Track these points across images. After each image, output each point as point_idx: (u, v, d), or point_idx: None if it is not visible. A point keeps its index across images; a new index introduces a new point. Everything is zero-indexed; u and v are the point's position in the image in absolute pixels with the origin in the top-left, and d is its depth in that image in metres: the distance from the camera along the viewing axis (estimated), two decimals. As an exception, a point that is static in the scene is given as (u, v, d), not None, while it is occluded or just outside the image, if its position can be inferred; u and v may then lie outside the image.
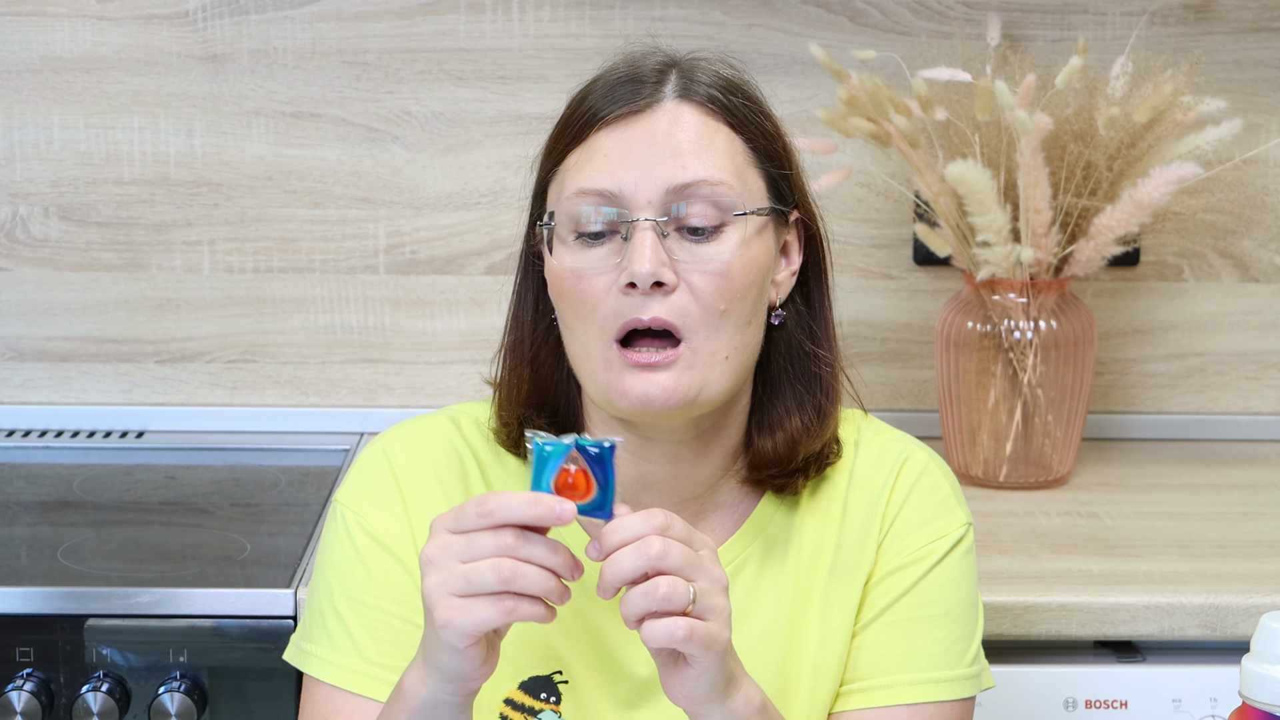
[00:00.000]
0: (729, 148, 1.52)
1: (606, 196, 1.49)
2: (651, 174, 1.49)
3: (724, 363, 1.51)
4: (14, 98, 2.47)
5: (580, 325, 1.51)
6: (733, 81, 1.56)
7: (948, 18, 2.47)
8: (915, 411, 2.53)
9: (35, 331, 2.51)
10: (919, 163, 2.26)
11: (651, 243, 1.48)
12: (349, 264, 2.50)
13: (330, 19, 2.46)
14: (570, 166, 1.52)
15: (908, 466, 1.62)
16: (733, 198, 1.50)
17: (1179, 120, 2.24)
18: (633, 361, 1.49)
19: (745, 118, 1.55)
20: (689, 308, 1.49)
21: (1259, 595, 1.93)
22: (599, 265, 1.50)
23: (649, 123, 1.51)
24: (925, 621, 1.58)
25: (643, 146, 1.50)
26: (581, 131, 1.52)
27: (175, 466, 2.42)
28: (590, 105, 1.53)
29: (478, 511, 1.35)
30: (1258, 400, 2.56)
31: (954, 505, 1.62)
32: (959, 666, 1.58)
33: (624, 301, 1.48)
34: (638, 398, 1.49)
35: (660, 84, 1.53)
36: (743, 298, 1.51)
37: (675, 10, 2.46)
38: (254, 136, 2.48)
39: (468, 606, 1.34)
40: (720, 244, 1.50)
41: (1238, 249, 2.53)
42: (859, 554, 1.59)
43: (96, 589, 1.95)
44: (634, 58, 1.56)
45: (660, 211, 1.49)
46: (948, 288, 2.50)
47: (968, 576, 1.61)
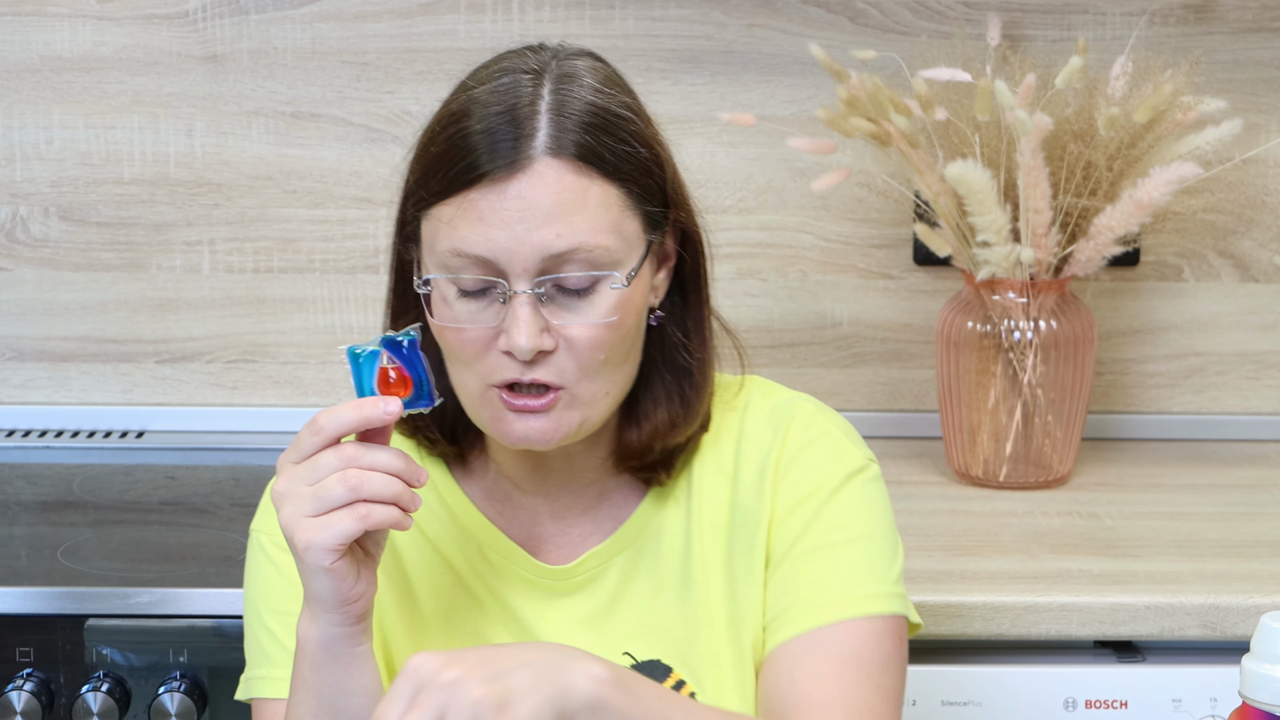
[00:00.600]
0: (603, 202, 1.50)
1: (482, 262, 1.48)
2: (526, 240, 1.47)
3: (604, 398, 1.53)
4: (14, 98, 2.47)
5: (460, 366, 1.53)
6: (603, 113, 1.52)
7: (948, 18, 2.47)
8: (915, 411, 2.54)
9: (35, 331, 2.51)
10: (919, 163, 2.26)
11: (530, 316, 1.48)
12: (349, 264, 2.50)
13: (330, 19, 2.46)
14: (444, 220, 1.50)
15: (796, 417, 1.62)
16: (609, 259, 1.49)
17: (1179, 120, 2.24)
18: (511, 405, 1.51)
19: (619, 160, 1.51)
20: (567, 366, 1.50)
21: (1259, 595, 1.93)
22: (478, 320, 1.50)
23: (521, 185, 1.47)
24: (838, 546, 1.57)
25: (517, 210, 1.47)
26: (453, 186, 1.49)
27: (175, 466, 2.41)
28: (462, 156, 1.49)
29: (311, 432, 1.42)
30: (1258, 400, 2.56)
31: (847, 445, 1.63)
32: (884, 584, 1.57)
33: (503, 361, 1.50)
34: (518, 437, 1.51)
35: (531, 136, 1.48)
36: (621, 343, 1.52)
37: (675, 10, 2.46)
38: (254, 136, 2.48)
39: (323, 523, 1.40)
40: (596, 304, 1.50)
41: (1238, 249, 2.52)
42: (756, 507, 1.60)
43: (96, 589, 1.95)
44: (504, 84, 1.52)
45: (536, 278, 1.48)
46: (948, 288, 2.50)
47: (877, 503, 1.61)
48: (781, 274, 2.51)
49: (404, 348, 1.45)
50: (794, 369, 2.52)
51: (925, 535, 2.12)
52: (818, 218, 2.51)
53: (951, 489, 2.31)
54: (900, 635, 1.57)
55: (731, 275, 2.51)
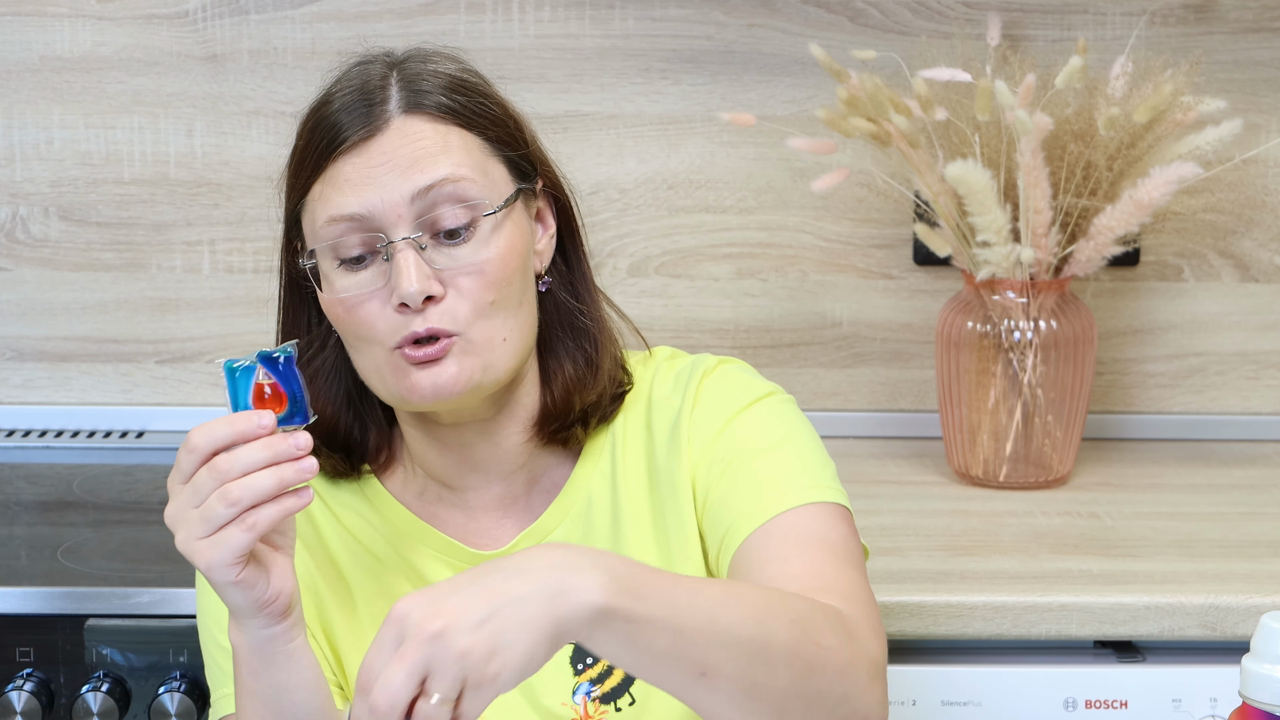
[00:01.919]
0: (464, 145, 1.56)
1: (358, 220, 1.53)
2: (395, 187, 1.52)
3: (503, 344, 1.55)
4: (14, 98, 2.47)
5: (362, 345, 1.56)
6: (455, 79, 1.58)
7: (948, 18, 2.47)
8: (915, 411, 2.54)
9: (35, 331, 2.51)
10: (919, 163, 2.26)
11: (414, 260, 1.51)
12: (349, 264, 2.50)
13: (330, 19, 2.46)
14: (316, 198, 1.56)
15: (697, 371, 1.65)
16: (476, 191, 1.54)
17: (1179, 120, 2.24)
18: (414, 360, 1.52)
19: (474, 113, 1.57)
20: (459, 310, 1.53)
21: (1259, 595, 1.93)
22: (366, 288, 1.54)
23: (381, 143, 1.54)
24: (763, 454, 1.59)
25: (380, 165, 1.53)
26: (319, 163, 1.56)
27: (175, 466, 2.41)
28: (323, 135, 1.56)
29: (186, 450, 1.42)
30: (1258, 400, 2.56)
31: (750, 379, 1.65)
32: (821, 478, 1.58)
33: (397, 319, 1.52)
34: (428, 390, 1.53)
35: (385, 101, 1.55)
36: (509, 284, 1.55)
37: (675, 10, 2.46)
38: (254, 136, 2.48)
39: (215, 541, 1.40)
40: (476, 242, 1.54)
41: (1238, 249, 2.52)
42: (673, 465, 1.61)
43: (96, 589, 1.95)
44: (354, 74, 1.59)
45: (413, 225, 1.52)
46: (948, 288, 2.50)
47: (792, 417, 1.63)
48: (781, 274, 2.51)
49: (279, 363, 1.46)
50: (794, 369, 2.53)
51: (925, 535, 2.12)
52: (818, 218, 2.51)
53: (951, 489, 2.31)
54: (850, 523, 1.58)
55: (731, 275, 2.51)
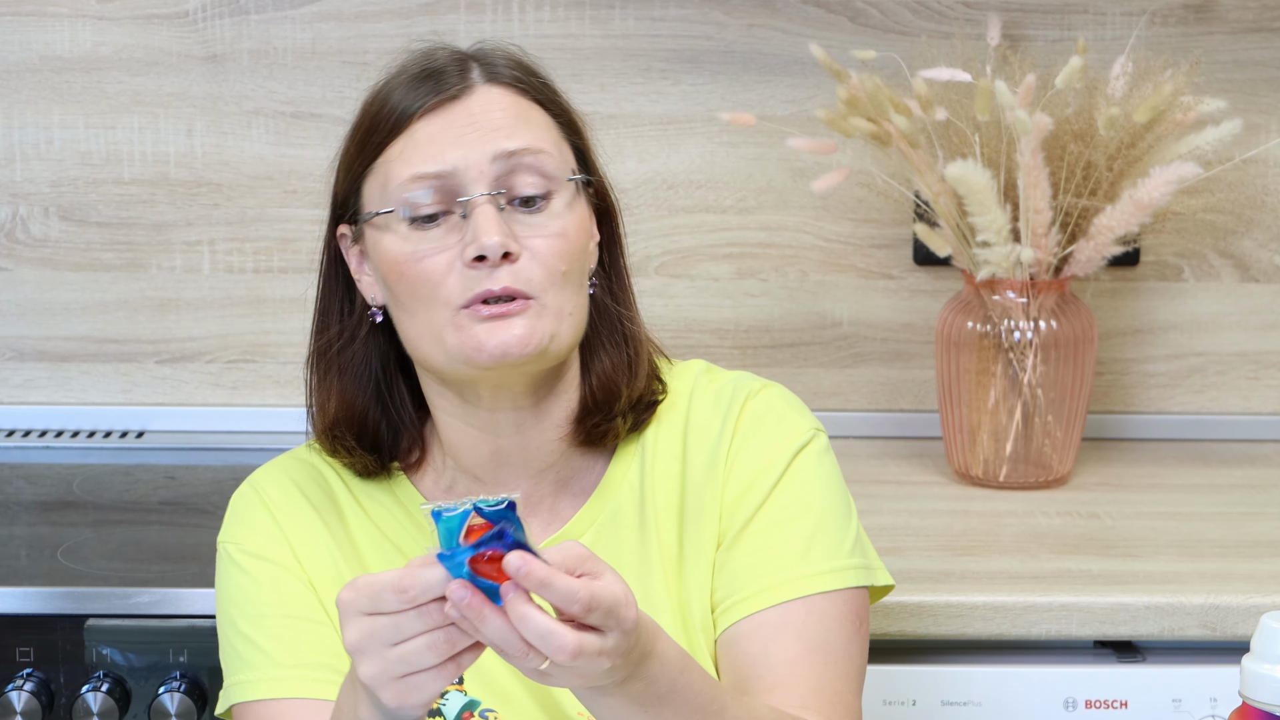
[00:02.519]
0: (542, 121, 1.59)
1: (440, 178, 1.54)
2: (479, 148, 1.54)
3: (569, 318, 1.56)
4: (14, 98, 2.47)
5: (421, 305, 1.55)
6: (527, 65, 1.62)
7: (948, 18, 2.47)
8: (915, 411, 2.53)
9: (35, 331, 2.51)
10: (919, 163, 2.26)
11: (494, 215, 1.52)
12: (349, 264, 2.50)
13: (330, 19, 2.46)
14: (394, 158, 1.56)
15: (738, 398, 1.64)
16: (554, 166, 1.56)
17: (1179, 120, 2.24)
18: (484, 315, 1.52)
19: (548, 96, 1.61)
20: (533, 273, 1.53)
21: (1259, 595, 1.93)
22: (438, 245, 1.54)
23: (465, 105, 1.56)
24: (791, 521, 1.58)
25: (464, 126, 1.55)
26: (398, 124, 1.57)
27: (175, 466, 2.41)
28: (398, 102, 1.57)
29: (395, 592, 1.30)
30: (1258, 400, 2.56)
31: (793, 417, 1.64)
32: (838, 558, 1.58)
33: (470, 275, 1.53)
34: (495, 347, 1.52)
35: (465, 72, 1.58)
36: (578, 258, 1.57)
37: (675, 10, 2.46)
38: (254, 136, 2.48)
39: (415, 685, 1.32)
40: (551, 210, 1.56)
41: (1238, 249, 2.52)
42: (706, 491, 1.61)
43: (96, 589, 1.95)
44: (420, 58, 1.61)
45: (492, 186, 1.54)
46: (948, 288, 2.50)
47: (828, 474, 1.62)
48: (781, 274, 2.51)
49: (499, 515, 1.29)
50: (794, 369, 2.52)
51: (925, 535, 2.12)
52: (818, 218, 2.51)
53: (951, 489, 2.31)
54: (861, 608, 1.58)
55: (731, 275, 2.51)
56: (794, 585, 1.56)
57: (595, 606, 1.29)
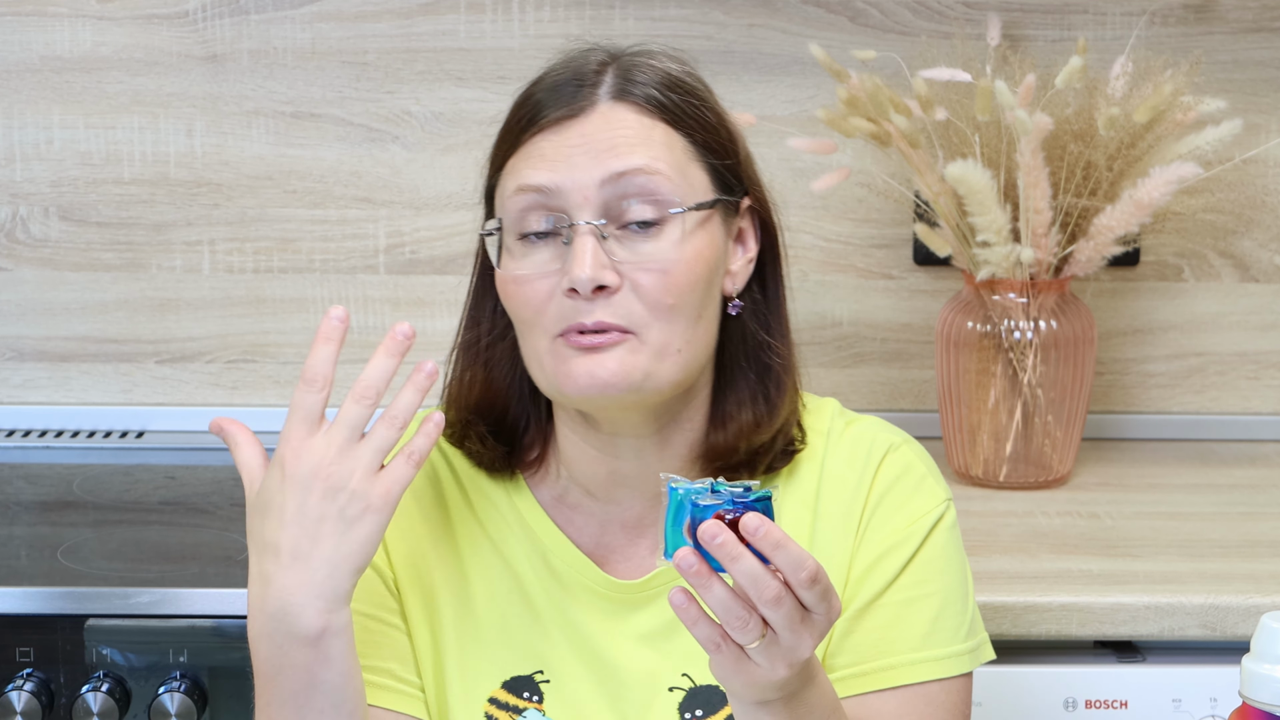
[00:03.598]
0: (666, 142, 1.52)
1: (543, 192, 1.50)
2: (587, 168, 1.49)
3: (675, 355, 1.51)
4: (14, 98, 2.47)
5: (525, 328, 1.53)
6: (673, 77, 1.55)
7: (948, 18, 2.47)
8: (915, 411, 2.53)
9: (35, 331, 2.51)
10: (919, 163, 2.26)
11: (592, 247, 1.48)
12: (349, 264, 2.50)
13: (330, 19, 2.46)
14: (510, 171, 1.53)
15: (881, 455, 1.62)
16: (670, 189, 1.50)
17: (1179, 120, 2.24)
18: (577, 344, 1.49)
19: (684, 113, 1.53)
20: (633, 307, 1.49)
21: (1259, 595, 1.93)
22: (541, 269, 1.50)
23: (583, 124, 1.51)
24: (919, 601, 1.57)
25: (577, 145, 1.50)
26: (519, 136, 1.54)
27: (175, 466, 2.42)
28: (526, 110, 1.54)
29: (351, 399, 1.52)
30: (1258, 400, 2.56)
31: (931, 484, 1.62)
32: (956, 643, 1.58)
33: (567, 305, 1.49)
34: (584, 380, 1.49)
35: (596, 85, 1.53)
36: (690, 291, 1.51)
37: (675, 10, 2.46)
38: (254, 136, 2.48)
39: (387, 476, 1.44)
40: (661, 239, 1.50)
41: (1238, 249, 2.53)
42: (836, 548, 1.59)
43: (96, 589, 1.95)
44: (574, 58, 1.57)
45: (599, 211, 1.49)
46: (948, 288, 2.50)
47: (955, 552, 1.61)
48: (781, 274, 2.51)
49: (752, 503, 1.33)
50: (794, 369, 2.52)
51: (925, 535, 2.12)
52: (818, 218, 2.51)
53: (952, 489, 2.29)
54: (969, 691, 1.59)
55: (731, 275, 2.51)
56: (914, 669, 1.56)
57: (820, 579, 1.31)
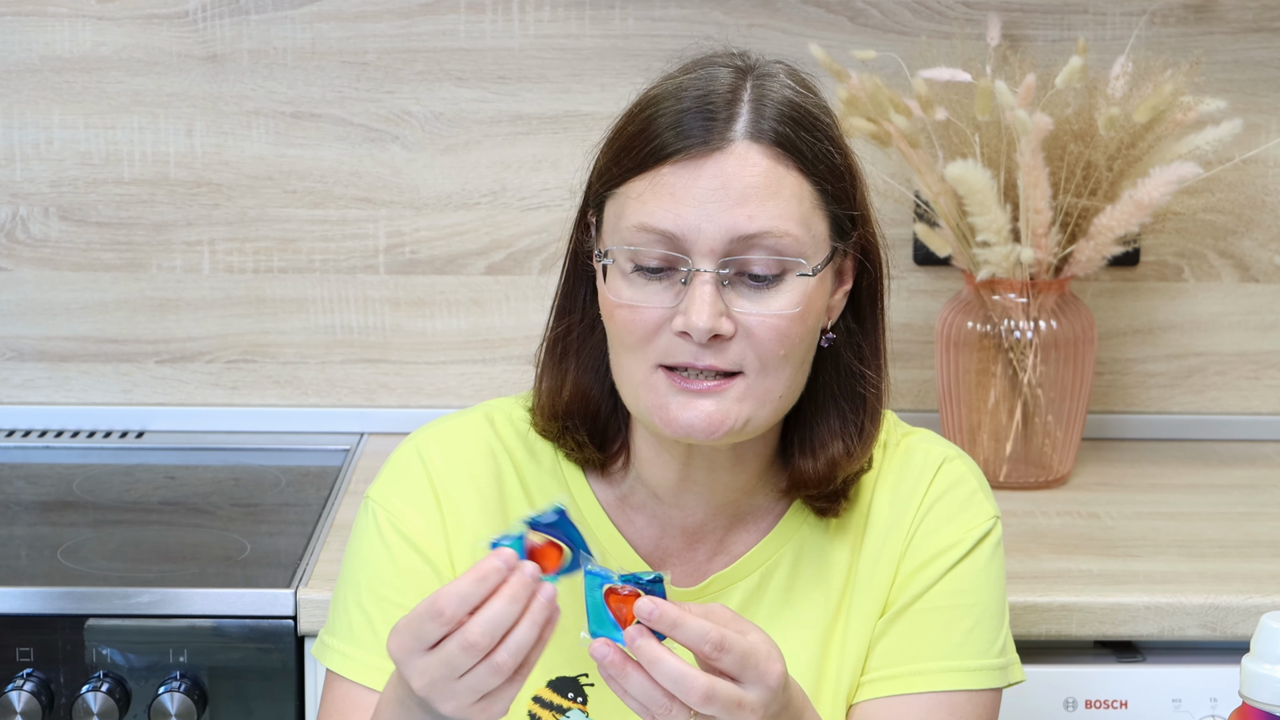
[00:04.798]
0: (796, 194, 1.48)
1: (668, 237, 1.46)
2: (716, 219, 1.45)
3: (776, 400, 1.50)
4: (14, 98, 2.47)
5: (625, 351, 1.49)
6: (803, 110, 1.51)
7: (948, 18, 2.47)
8: (915, 411, 2.53)
9: (35, 331, 2.51)
10: (919, 163, 2.26)
11: (711, 296, 1.45)
12: (349, 264, 2.50)
13: (330, 19, 2.46)
14: (633, 196, 1.48)
15: (936, 466, 1.61)
16: (796, 249, 1.47)
17: (1179, 120, 2.24)
18: (680, 386, 1.47)
19: (815, 157, 1.50)
20: (745, 356, 1.47)
21: (1259, 595, 1.93)
22: (654, 301, 1.47)
23: (717, 164, 1.46)
24: (955, 610, 1.57)
25: (709, 189, 1.45)
26: (646, 161, 1.48)
27: (175, 466, 2.42)
28: (657, 133, 1.48)
29: (431, 618, 1.32)
30: (1258, 400, 2.56)
31: (981, 499, 1.62)
32: (988, 656, 1.58)
33: (677, 343, 1.47)
34: (682, 425, 1.47)
35: (731, 120, 1.47)
36: (801, 343, 1.49)
37: (675, 10, 2.46)
38: (254, 136, 2.48)
39: (495, 698, 1.34)
40: (780, 294, 1.47)
41: (1238, 249, 2.53)
42: (885, 548, 1.59)
43: (96, 589, 1.95)
44: (704, 74, 1.51)
45: (721, 258, 1.46)
46: (948, 288, 2.50)
47: (997, 569, 1.61)
48: (781, 274, 2.51)
49: (552, 523, 1.35)
50: (794, 369, 2.52)
51: (925, 535, 2.11)
52: (818, 218, 2.50)
53: (951, 489, 2.31)
54: (995, 708, 1.59)
55: (731, 275, 2.51)
56: (943, 677, 1.56)
57: (728, 649, 1.30)
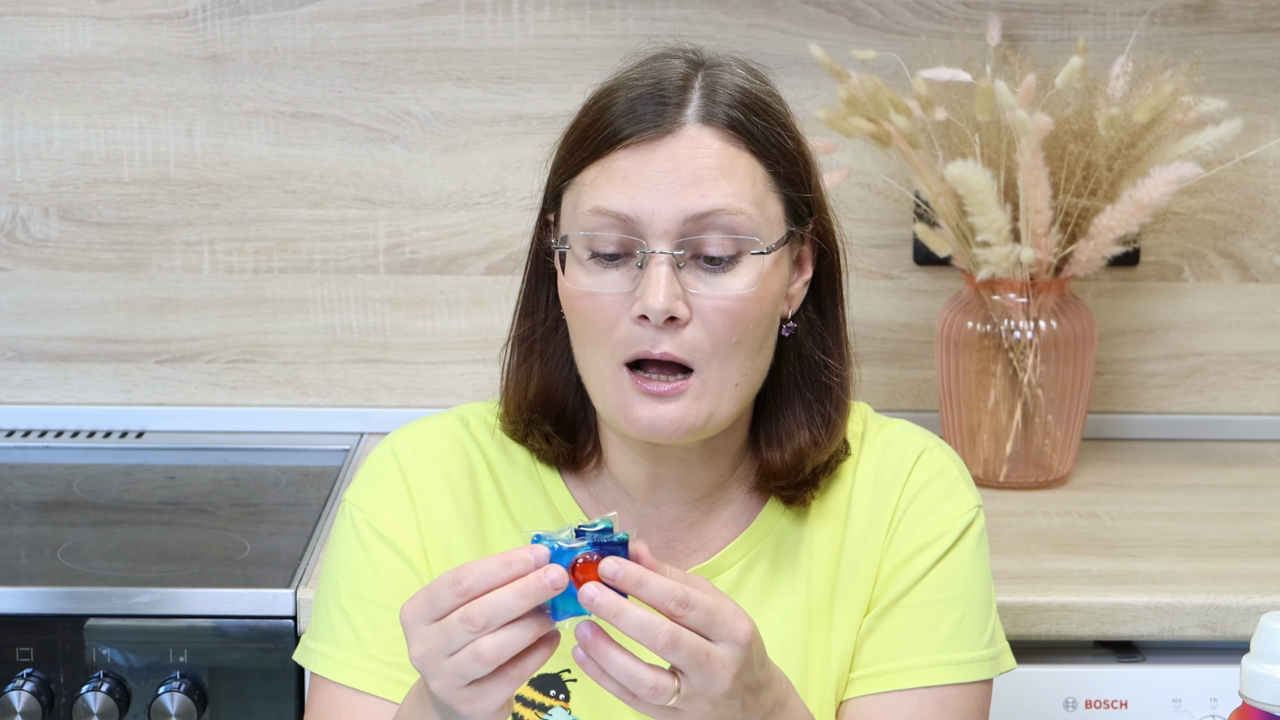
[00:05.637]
0: (749, 175, 1.49)
1: (622, 220, 1.47)
2: (670, 200, 1.46)
3: (733, 389, 1.50)
4: (14, 98, 2.47)
5: (590, 345, 1.50)
6: (755, 97, 1.52)
7: (948, 18, 2.47)
8: (915, 411, 2.53)
9: (35, 331, 2.52)
10: (919, 163, 2.26)
11: (667, 276, 1.46)
12: (349, 264, 2.50)
13: (330, 19, 2.46)
14: (587, 183, 1.49)
15: (915, 457, 1.61)
16: (751, 228, 1.48)
17: (1179, 120, 2.24)
18: (643, 389, 1.48)
19: (767, 140, 1.51)
20: (700, 341, 1.47)
21: (1259, 595, 1.93)
22: (612, 288, 1.48)
23: (670, 147, 1.47)
24: (942, 604, 1.57)
25: (662, 171, 1.47)
26: (600, 148, 1.49)
27: (175, 466, 2.42)
28: (610, 121, 1.49)
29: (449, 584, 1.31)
30: (1258, 400, 2.56)
31: (963, 488, 1.62)
32: (977, 648, 1.58)
33: (635, 331, 1.47)
34: (645, 425, 1.48)
35: (682, 105, 1.49)
36: (755, 327, 1.50)
37: (675, 10, 2.46)
38: (254, 136, 2.48)
39: (480, 692, 1.33)
40: (735, 276, 1.48)
41: (1238, 249, 2.53)
42: (867, 542, 1.59)
43: (96, 589, 1.95)
44: (655, 65, 1.53)
45: (676, 240, 1.47)
46: (948, 288, 2.50)
47: (982, 559, 1.61)
48: (781, 274, 2.51)
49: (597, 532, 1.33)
50: (794, 369, 2.52)
51: (925, 535, 2.11)
52: (818, 218, 2.50)
53: (951, 489, 2.31)
54: (986, 700, 1.59)
55: (731, 275, 2.51)
56: (933, 672, 1.56)
57: (693, 605, 1.31)
